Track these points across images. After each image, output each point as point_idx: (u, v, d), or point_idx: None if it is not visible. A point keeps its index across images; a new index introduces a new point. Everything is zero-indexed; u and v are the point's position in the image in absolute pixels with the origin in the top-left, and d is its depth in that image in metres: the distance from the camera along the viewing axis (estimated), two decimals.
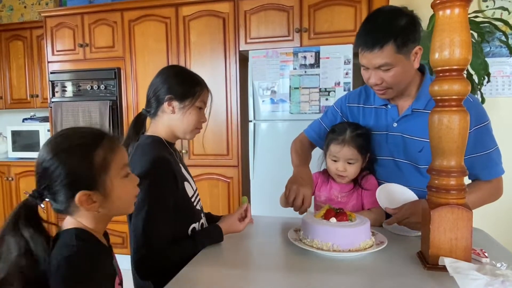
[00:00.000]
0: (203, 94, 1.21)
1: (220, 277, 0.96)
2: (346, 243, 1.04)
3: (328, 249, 1.04)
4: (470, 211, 0.93)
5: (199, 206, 1.25)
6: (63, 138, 0.79)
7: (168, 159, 1.12)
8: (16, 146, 3.59)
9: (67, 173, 0.75)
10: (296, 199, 1.25)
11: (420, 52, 1.19)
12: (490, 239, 1.21)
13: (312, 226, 1.09)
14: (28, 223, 0.74)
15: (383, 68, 1.18)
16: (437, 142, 0.95)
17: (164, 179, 1.09)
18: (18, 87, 3.65)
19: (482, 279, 0.80)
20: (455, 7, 0.88)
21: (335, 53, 2.50)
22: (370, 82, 1.24)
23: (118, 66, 3.08)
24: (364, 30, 1.20)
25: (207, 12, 2.85)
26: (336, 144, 1.34)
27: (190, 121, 1.20)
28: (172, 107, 1.18)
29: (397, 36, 1.13)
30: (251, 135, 2.69)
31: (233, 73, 2.84)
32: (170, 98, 1.17)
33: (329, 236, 1.05)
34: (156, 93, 1.20)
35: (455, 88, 0.91)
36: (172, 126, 1.21)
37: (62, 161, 0.75)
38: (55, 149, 0.76)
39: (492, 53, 2.67)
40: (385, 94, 1.26)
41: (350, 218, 1.11)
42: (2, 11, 3.89)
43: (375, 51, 1.15)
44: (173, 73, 1.22)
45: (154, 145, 1.17)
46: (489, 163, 1.22)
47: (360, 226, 1.07)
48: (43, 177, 0.76)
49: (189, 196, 1.19)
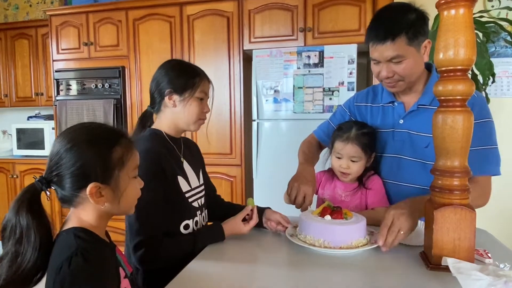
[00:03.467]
0: (202, 84, 1.22)
1: (223, 273, 0.96)
2: (337, 240, 1.07)
3: (320, 245, 1.06)
4: (474, 212, 0.93)
5: (197, 204, 1.25)
6: (85, 130, 0.81)
7: (158, 152, 1.14)
8: (20, 144, 3.61)
9: (83, 164, 0.76)
10: (298, 196, 1.26)
11: (429, 45, 1.21)
12: (493, 240, 1.21)
13: (306, 223, 1.13)
14: (29, 209, 0.75)
15: (394, 61, 1.19)
16: (440, 142, 0.95)
17: (152, 172, 1.09)
18: (23, 85, 3.68)
19: (485, 279, 0.80)
20: (460, 7, 0.88)
21: (339, 52, 2.49)
22: (381, 75, 1.24)
23: (122, 64, 3.09)
24: (375, 24, 1.21)
25: (211, 11, 2.85)
26: (340, 141, 1.35)
27: (192, 112, 1.21)
28: (173, 101, 1.20)
29: (409, 29, 1.15)
30: (254, 134, 2.70)
31: (236, 72, 2.85)
32: (170, 92, 1.19)
33: (321, 232, 1.08)
34: (157, 87, 1.22)
35: (459, 88, 0.91)
36: (176, 119, 1.22)
37: (81, 151, 0.76)
38: (76, 139, 0.78)
39: (497, 53, 2.66)
40: (395, 87, 1.26)
41: (345, 217, 1.12)
42: (8, 10, 3.91)
43: (387, 43, 1.16)
44: (170, 66, 1.24)
45: (150, 138, 1.19)
46: (482, 159, 1.19)
47: (354, 225, 1.09)
48: (57, 165, 0.77)
49: (183, 191, 1.19)
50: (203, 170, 1.37)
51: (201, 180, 1.32)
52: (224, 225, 1.21)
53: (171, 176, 1.16)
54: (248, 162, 2.90)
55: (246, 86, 2.86)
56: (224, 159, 2.90)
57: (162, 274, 1.03)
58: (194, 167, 1.29)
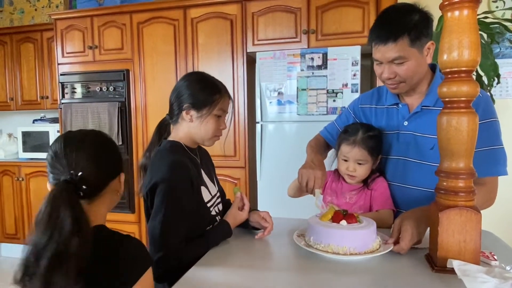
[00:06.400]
0: (222, 101, 1.22)
1: (227, 277, 0.96)
2: (360, 246, 1.04)
3: (345, 252, 1.03)
4: (479, 213, 0.92)
5: (215, 211, 1.26)
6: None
7: (185, 163, 1.14)
8: (26, 146, 3.64)
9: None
10: (309, 181, 1.25)
11: (433, 47, 1.20)
12: (499, 242, 1.20)
13: (325, 231, 1.07)
14: None
15: (396, 62, 1.18)
16: (445, 144, 0.94)
17: (180, 183, 1.10)
18: (28, 89, 3.70)
19: (491, 282, 0.80)
20: (464, 8, 0.88)
21: (343, 54, 2.49)
22: (383, 76, 1.24)
23: (126, 68, 3.10)
24: (378, 25, 1.21)
25: (215, 14, 2.86)
26: (347, 145, 1.34)
27: (208, 129, 1.21)
28: (190, 116, 1.20)
29: (411, 30, 1.14)
30: (258, 137, 2.70)
31: (240, 75, 2.85)
32: (188, 106, 1.19)
33: (345, 239, 1.04)
34: (176, 99, 1.22)
35: (463, 90, 0.90)
36: (191, 133, 1.22)
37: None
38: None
39: (502, 54, 2.64)
40: (397, 88, 1.26)
41: (359, 220, 1.11)
42: (14, 14, 3.95)
43: (389, 44, 1.16)
44: (193, 80, 1.23)
45: (172, 149, 1.19)
46: (489, 159, 1.18)
47: (371, 227, 1.08)
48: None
49: (205, 201, 1.20)
50: (215, 176, 1.38)
51: (216, 186, 1.33)
52: (226, 219, 1.22)
53: (196, 186, 1.16)
54: (252, 164, 2.91)
55: (249, 88, 2.87)
56: (228, 161, 2.90)
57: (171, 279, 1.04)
58: (209, 174, 1.30)
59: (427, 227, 1.06)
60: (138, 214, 3.15)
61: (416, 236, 1.04)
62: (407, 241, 1.03)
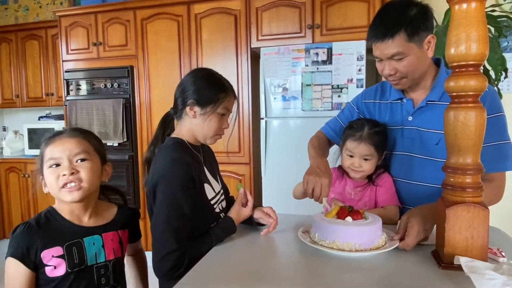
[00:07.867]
0: (227, 100, 1.20)
1: (232, 274, 0.96)
2: (366, 242, 1.03)
3: (350, 249, 1.02)
4: (487, 210, 0.91)
5: (218, 209, 1.25)
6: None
7: (187, 160, 1.13)
8: (32, 143, 3.66)
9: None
10: (315, 189, 1.23)
11: (434, 40, 1.18)
12: (507, 238, 1.19)
13: (330, 227, 1.06)
14: None
15: (395, 58, 1.18)
16: (452, 139, 0.93)
17: (182, 181, 1.09)
18: (34, 86, 3.72)
19: (499, 279, 0.79)
20: (472, 1, 0.86)
21: (348, 49, 2.47)
22: (384, 73, 1.24)
23: (131, 64, 3.10)
24: (375, 22, 1.21)
25: (219, 9, 2.85)
26: (353, 140, 1.33)
27: (210, 127, 1.19)
28: (193, 112, 1.19)
29: (407, 25, 1.14)
30: (262, 133, 2.69)
31: (244, 71, 2.84)
32: (193, 102, 1.18)
33: (350, 236, 1.04)
34: (181, 94, 1.21)
35: (471, 84, 0.89)
36: (194, 130, 1.21)
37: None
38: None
39: (509, 48, 2.61)
40: (399, 84, 1.25)
41: (364, 216, 1.10)
42: (18, 11, 3.96)
43: (386, 41, 1.16)
44: (199, 76, 1.22)
45: (175, 147, 1.18)
46: (497, 155, 1.17)
47: (377, 224, 1.07)
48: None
49: (208, 198, 1.20)
50: (219, 173, 1.37)
51: (220, 184, 1.32)
52: (230, 216, 1.22)
53: (199, 184, 1.16)
54: (256, 160, 2.90)
55: (254, 84, 2.86)
56: (233, 158, 2.89)
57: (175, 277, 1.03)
58: (213, 171, 1.29)
59: (433, 224, 1.05)
60: (143, 210, 3.17)
61: (422, 233, 1.03)
62: (413, 238, 1.02)
